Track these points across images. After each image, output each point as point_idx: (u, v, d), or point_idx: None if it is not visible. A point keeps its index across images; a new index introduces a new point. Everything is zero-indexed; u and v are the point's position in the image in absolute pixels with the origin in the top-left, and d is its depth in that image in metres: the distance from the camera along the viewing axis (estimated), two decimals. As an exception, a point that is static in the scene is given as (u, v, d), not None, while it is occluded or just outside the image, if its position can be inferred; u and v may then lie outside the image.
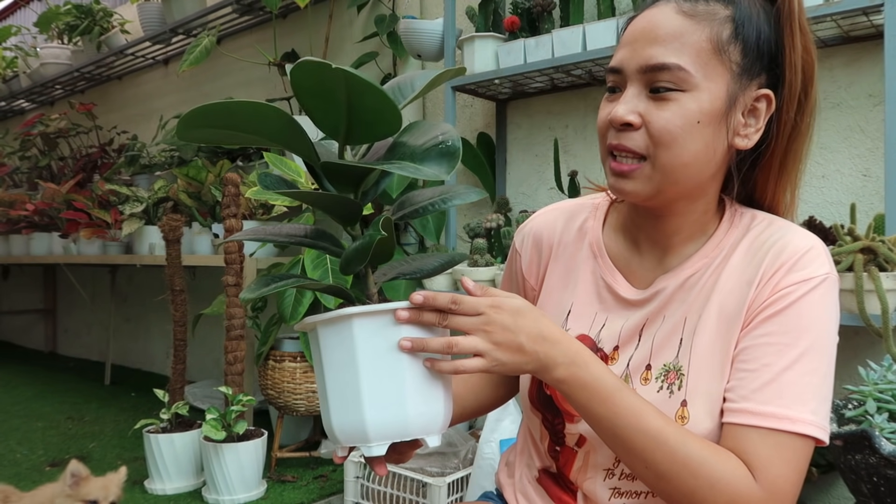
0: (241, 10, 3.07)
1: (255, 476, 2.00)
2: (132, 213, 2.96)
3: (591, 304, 0.83)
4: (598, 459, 0.78)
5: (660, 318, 0.78)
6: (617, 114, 0.71)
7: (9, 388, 3.65)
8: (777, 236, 0.74)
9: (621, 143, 0.72)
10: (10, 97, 4.85)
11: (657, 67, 0.69)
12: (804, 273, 0.70)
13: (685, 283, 0.77)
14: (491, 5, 2.16)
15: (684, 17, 0.70)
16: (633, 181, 0.72)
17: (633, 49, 0.71)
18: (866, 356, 1.49)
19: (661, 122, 0.69)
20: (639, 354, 0.78)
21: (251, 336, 2.33)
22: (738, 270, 0.74)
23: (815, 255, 0.71)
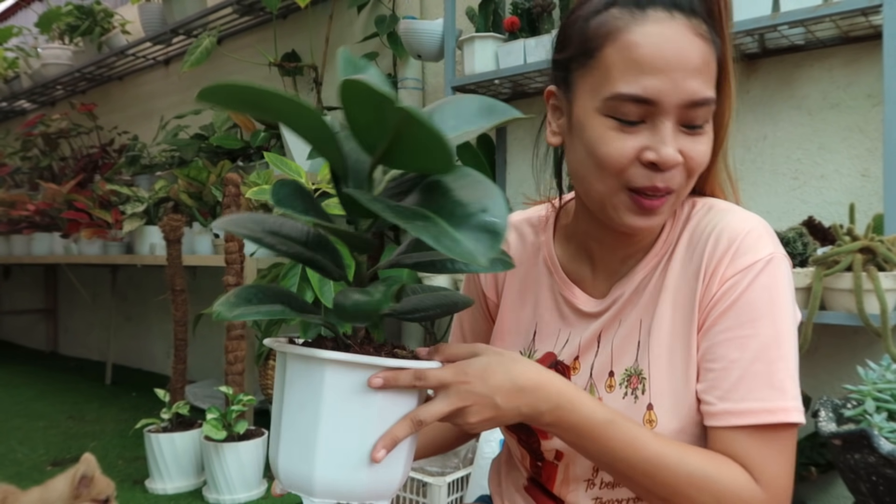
0: (242, 10, 3.07)
1: (255, 475, 2.00)
2: (133, 213, 2.96)
3: (554, 321, 0.81)
4: (577, 471, 0.77)
5: (616, 322, 0.76)
6: (671, 156, 0.65)
7: (10, 388, 3.66)
8: (714, 222, 0.72)
9: (668, 185, 0.67)
10: (12, 97, 4.86)
11: (700, 103, 0.66)
12: (746, 259, 0.68)
13: (639, 286, 0.75)
14: (491, 5, 2.16)
15: (702, 40, 0.66)
16: (659, 216, 0.69)
17: (672, 80, 0.64)
18: (865, 356, 1.49)
19: (700, 157, 0.68)
20: (599, 361, 0.76)
21: (251, 336, 2.34)
22: (683, 264, 0.73)
23: (754, 237, 0.69)
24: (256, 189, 2.17)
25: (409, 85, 2.62)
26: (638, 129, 0.66)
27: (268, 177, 2.46)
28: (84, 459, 1.50)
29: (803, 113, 1.76)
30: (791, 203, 1.78)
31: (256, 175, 2.47)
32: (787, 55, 1.75)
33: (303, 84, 2.99)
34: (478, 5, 2.20)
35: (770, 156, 1.81)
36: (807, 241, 1.45)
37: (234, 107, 0.54)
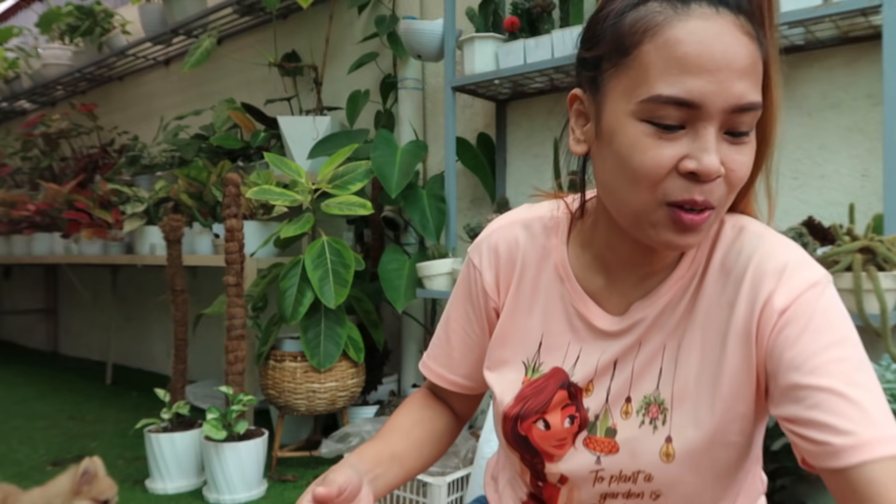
0: (242, 10, 3.07)
1: (255, 476, 2.00)
2: (133, 213, 2.96)
3: (563, 333, 0.74)
4: (581, 496, 0.73)
5: (636, 346, 0.70)
6: (713, 166, 0.58)
7: (10, 388, 3.66)
8: (752, 247, 0.65)
9: (707, 199, 0.60)
10: (12, 98, 4.86)
11: (748, 107, 0.59)
12: (804, 279, 0.62)
13: (664, 309, 0.69)
14: (491, 6, 2.16)
15: (750, 39, 0.59)
16: (699, 234, 0.62)
17: (719, 81, 0.58)
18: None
19: (743, 169, 0.61)
20: (616, 385, 0.70)
21: (252, 336, 2.34)
22: (716, 291, 0.66)
23: (805, 260, 0.64)
24: (256, 189, 2.17)
25: (409, 85, 2.62)
26: (677, 136, 0.59)
27: (268, 177, 2.46)
28: (92, 460, 1.51)
29: (803, 113, 1.76)
30: (791, 203, 1.78)
31: (256, 175, 2.48)
32: (786, 55, 1.75)
33: (303, 84, 2.99)
34: (478, 5, 2.20)
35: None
36: (806, 241, 1.45)
37: None
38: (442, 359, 0.86)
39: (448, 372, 0.85)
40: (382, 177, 2.18)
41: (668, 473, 0.67)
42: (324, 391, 2.17)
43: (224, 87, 3.52)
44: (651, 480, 0.68)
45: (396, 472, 0.80)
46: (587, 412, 0.71)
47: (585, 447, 0.71)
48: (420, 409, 0.88)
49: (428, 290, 2.12)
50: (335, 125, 2.68)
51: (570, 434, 0.72)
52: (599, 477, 0.70)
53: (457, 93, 2.22)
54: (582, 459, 0.71)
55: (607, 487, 0.70)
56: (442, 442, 0.88)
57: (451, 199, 2.19)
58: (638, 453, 0.68)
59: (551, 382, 0.74)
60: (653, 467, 0.67)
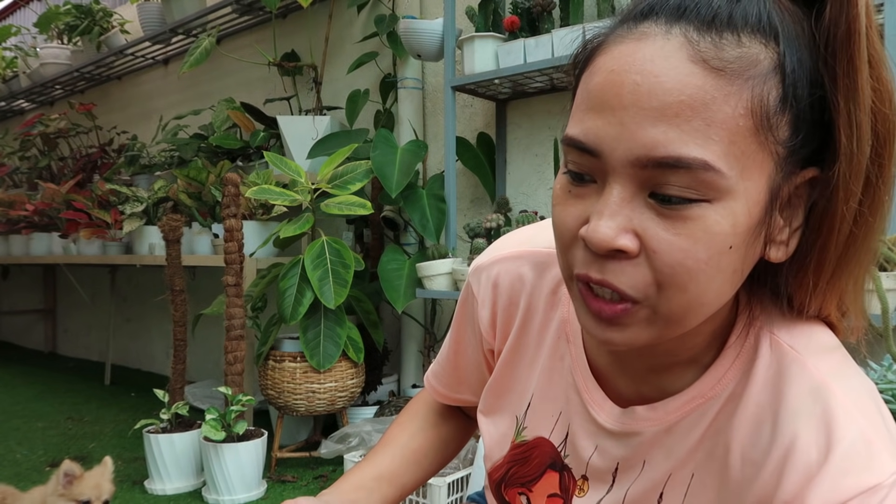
0: (241, 10, 3.07)
1: (255, 476, 2.00)
2: (132, 213, 2.96)
3: (555, 401, 0.63)
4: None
5: (638, 464, 0.57)
6: (599, 234, 0.44)
7: (9, 389, 3.65)
8: (797, 400, 0.47)
9: (606, 278, 0.45)
10: (10, 97, 4.85)
11: (669, 164, 0.42)
12: (860, 481, 0.44)
13: (671, 429, 0.54)
14: (491, 5, 2.16)
15: (706, 70, 0.41)
16: (624, 330, 0.47)
17: (621, 122, 0.43)
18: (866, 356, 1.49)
19: (678, 255, 0.43)
20: (610, 500, 0.59)
21: (251, 336, 2.33)
22: (746, 436, 0.50)
23: (860, 447, 0.45)
24: (256, 189, 2.17)
25: (409, 85, 2.62)
26: (587, 191, 0.47)
27: (267, 177, 2.45)
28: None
29: (804, 113, 1.75)
30: (791, 203, 1.78)
31: (256, 175, 2.47)
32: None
33: (302, 84, 2.99)
34: (478, 5, 2.19)
35: (770, 156, 1.81)
36: (808, 241, 1.45)
37: None
38: (445, 378, 0.80)
39: (452, 392, 0.80)
40: (382, 176, 2.18)
41: None
42: (323, 391, 2.17)
43: (223, 86, 3.52)
44: None
45: (385, 492, 0.74)
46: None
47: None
48: (423, 416, 0.82)
49: (428, 290, 2.11)
50: (335, 125, 2.68)
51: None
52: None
53: (457, 92, 2.21)
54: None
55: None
56: (449, 447, 0.82)
57: (451, 199, 2.19)
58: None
59: (536, 454, 0.65)
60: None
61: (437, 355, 0.81)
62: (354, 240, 2.73)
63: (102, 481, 1.52)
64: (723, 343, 0.53)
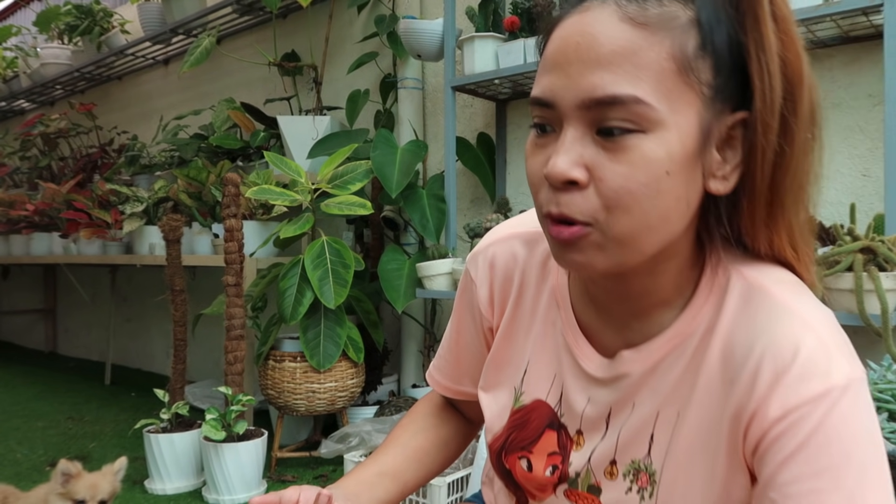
0: (241, 10, 3.07)
1: (255, 476, 2.00)
2: (132, 213, 2.96)
3: (550, 364, 0.68)
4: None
5: (628, 405, 0.62)
6: (556, 168, 0.51)
7: (9, 388, 3.65)
8: (763, 323, 0.55)
9: (563, 211, 0.52)
10: (11, 97, 4.85)
11: (606, 101, 0.50)
12: (813, 386, 0.51)
13: (655, 367, 0.60)
14: (491, 5, 2.16)
15: (633, 25, 0.50)
16: (581, 252, 0.54)
17: (568, 75, 0.52)
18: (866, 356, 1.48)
19: (619, 179, 0.51)
20: (603, 446, 0.64)
21: (251, 336, 2.34)
22: (721, 363, 0.57)
23: (821, 355, 0.52)
24: (256, 189, 2.17)
25: (409, 85, 2.62)
26: (549, 141, 0.55)
27: (267, 177, 2.45)
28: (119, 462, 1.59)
29: (804, 113, 1.75)
30: (791, 203, 1.78)
31: (256, 175, 2.47)
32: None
33: (302, 84, 2.99)
34: (478, 5, 2.19)
35: (770, 156, 1.81)
36: (807, 241, 1.45)
37: None
38: (447, 370, 0.83)
39: (454, 383, 0.82)
40: (382, 176, 2.18)
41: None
42: (323, 391, 2.17)
43: (223, 86, 3.52)
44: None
45: (388, 488, 0.76)
46: (569, 466, 0.67)
47: (566, 497, 0.67)
48: (424, 417, 0.85)
49: (428, 290, 2.11)
50: (335, 125, 2.68)
51: (550, 483, 0.68)
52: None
53: (457, 92, 2.21)
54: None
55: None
56: (449, 448, 0.85)
57: (451, 199, 2.19)
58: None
59: (535, 416, 0.69)
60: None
61: (438, 349, 0.85)
62: (354, 240, 2.73)
63: (101, 481, 1.52)
64: (695, 286, 0.60)
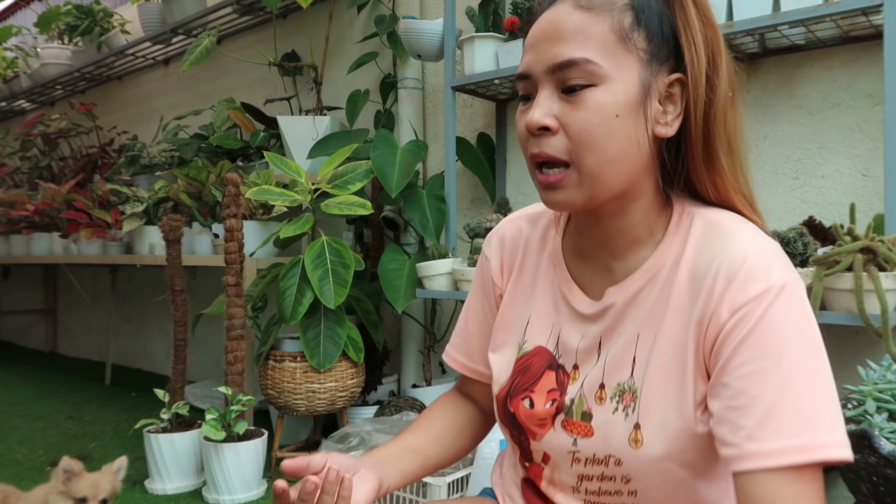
0: (242, 10, 3.07)
1: (255, 476, 2.00)
2: (132, 213, 2.96)
3: (549, 314, 0.81)
4: (562, 477, 0.77)
5: (615, 334, 0.74)
6: (532, 118, 0.67)
7: (9, 388, 3.66)
8: (717, 247, 0.68)
9: (542, 150, 0.68)
10: (11, 97, 4.85)
11: (565, 64, 0.66)
12: (757, 286, 0.64)
13: (635, 297, 0.73)
14: (491, 5, 2.16)
15: (583, 11, 0.67)
16: (562, 191, 0.69)
17: (538, 51, 0.69)
18: (866, 356, 1.49)
19: (580, 122, 0.66)
20: (594, 373, 0.75)
21: (251, 336, 2.34)
22: (688, 287, 0.69)
23: (763, 263, 0.65)
24: (256, 189, 2.17)
25: (409, 85, 2.62)
26: (531, 105, 0.71)
27: (267, 177, 2.46)
28: (119, 461, 1.59)
29: (804, 113, 1.75)
30: (791, 203, 1.78)
31: (256, 175, 2.47)
32: (787, 55, 1.75)
33: (302, 84, 2.99)
34: (478, 5, 2.19)
35: (770, 155, 1.81)
36: (807, 241, 1.45)
37: None
38: (461, 347, 0.92)
39: (468, 360, 0.92)
40: (382, 176, 2.18)
41: (637, 460, 0.70)
42: (323, 391, 2.17)
43: (223, 86, 3.52)
44: (621, 465, 0.71)
45: (410, 461, 0.85)
46: (565, 397, 0.76)
47: (563, 429, 0.76)
48: (441, 408, 0.94)
49: (428, 290, 2.11)
50: (335, 125, 2.68)
51: (549, 415, 0.77)
52: (576, 458, 0.75)
53: (457, 92, 2.21)
54: (561, 440, 0.76)
55: (583, 469, 0.75)
56: (465, 435, 0.93)
57: (451, 199, 2.19)
58: (610, 438, 0.72)
59: (535, 360, 0.80)
60: (622, 453, 0.71)
61: (454, 330, 0.95)
62: (354, 240, 2.73)
63: (102, 480, 1.52)
64: (665, 229, 0.74)
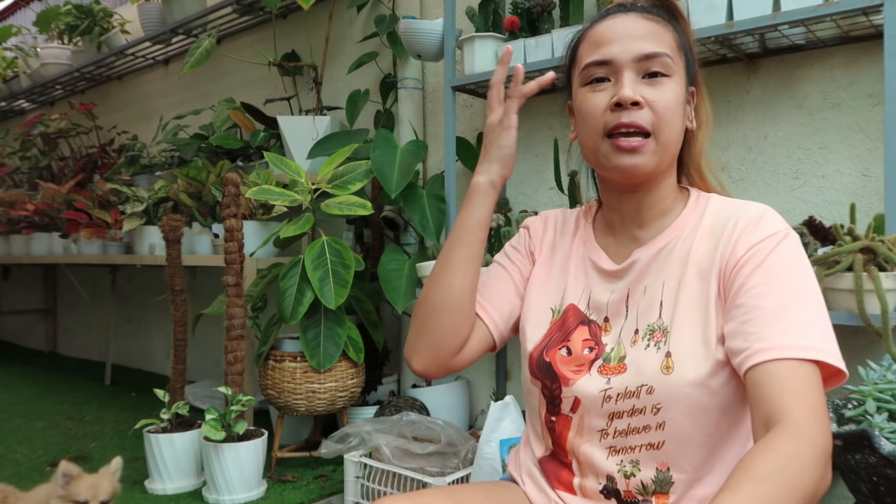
0: (241, 10, 3.07)
1: (255, 476, 2.00)
2: (132, 213, 2.96)
3: (580, 281, 0.95)
4: (591, 421, 0.86)
5: (641, 287, 0.88)
6: (626, 94, 0.82)
7: (9, 388, 3.65)
8: (734, 209, 0.87)
9: (633, 120, 0.82)
10: (11, 97, 4.85)
11: (652, 55, 0.83)
12: (768, 229, 0.81)
13: (658, 253, 0.88)
14: (491, 5, 2.16)
15: (652, 21, 0.86)
16: (642, 155, 0.83)
17: (623, 44, 0.84)
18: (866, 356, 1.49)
19: (664, 101, 0.83)
20: (629, 324, 0.88)
21: (251, 336, 2.34)
22: (707, 239, 0.86)
23: (772, 215, 0.83)
24: (256, 189, 2.17)
25: (409, 85, 2.62)
26: (605, 87, 0.85)
27: (267, 177, 2.45)
28: (115, 462, 1.60)
29: (804, 113, 1.75)
30: (791, 203, 1.78)
31: (256, 175, 2.47)
32: (787, 55, 1.75)
33: (302, 84, 2.99)
34: (478, 5, 2.19)
35: (771, 155, 1.81)
36: (807, 241, 1.45)
37: None
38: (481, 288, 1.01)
39: (483, 299, 1.00)
40: (382, 177, 2.18)
41: (668, 385, 0.80)
42: (323, 391, 2.17)
43: (223, 86, 3.52)
44: (652, 393, 0.81)
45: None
46: (605, 346, 0.88)
47: (599, 373, 0.86)
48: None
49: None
50: (335, 125, 2.68)
51: (587, 360, 0.88)
52: (608, 396, 0.84)
53: (457, 92, 2.21)
54: (594, 382, 0.85)
55: (614, 406, 0.83)
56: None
57: (451, 199, 2.19)
58: (642, 369, 0.82)
59: (569, 317, 0.93)
60: (654, 380, 0.81)
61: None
62: (354, 240, 2.73)
63: (101, 482, 1.52)
64: (684, 205, 0.91)
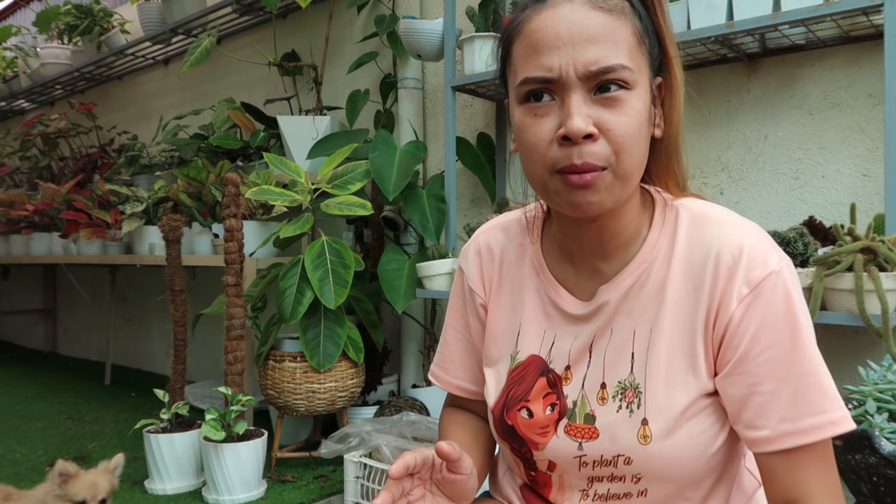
0: (241, 10, 3.07)
1: (255, 476, 2.00)
2: (132, 213, 2.96)
3: (539, 322, 0.79)
4: (571, 481, 0.76)
5: (607, 332, 0.74)
6: (577, 126, 0.63)
7: (9, 388, 3.65)
8: (710, 234, 0.70)
9: (586, 161, 0.64)
10: (11, 97, 4.85)
11: (604, 70, 0.64)
12: (757, 272, 0.67)
13: (628, 293, 0.73)
14: (491, 5, 2.16)
15: (604, 12, 0.65)
16: (597, 193, 0.66)
17: (567, 53, 0.64)
18: (866, 356, 1.49)
19: (622, 127, 0.64)
20: (592, 373, 0.74)
21: (251, 336, 2.33)
22: (683, 279, 0.71)
23: (759, 250, 0.68)
24: (256, 189, 2.17)
25: (409, 85, 2.62)
26: (550, 110, 0.66)
27: (267, 177, 2.45)
28: (116, 458, 1.59)
29: (804, 113, 1.75)
30: (792, 203, 1.78)
31: (256, 175, 2.47)
32: (787, 55, 1.75)
33: (302, 84, 2.99)
34: (478, 5, 2.19)
35: (771, 155, 1.81)
36: (807, 241, 1.45)
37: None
38: (445, 365, 0.90)
39: (451, 377, 0.90)
40: (380, 179, 2.17)
41: (647, 456, 0.70)
42: (323, 391, 2.17)
43: (223, 86, 3.52)
44: (630, 464, 0.71)
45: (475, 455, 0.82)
46: (566, 399, 0.75)
47: (567, 434, 0.74)
48: (451, 424, 0.90)
49: (428, 290, 2.11)
50: (335, 125, 2.68)
51: (551, 421, 0.75)
52: (583, 462, 0.74)
53: (457, 92, 2.21)
54: (565, 446, 0.74)
55: (592, 472, 0.74)
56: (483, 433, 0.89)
57: (451, 199, 2.19)
58: (617, 437, 0.71)
59: (530, 370, 0.78)
60: (631, 450, 0.70)
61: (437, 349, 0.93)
62: (354, 240, 2.73)
63: (99, 480, 1.51)
64: (649, 223, 0.75)
